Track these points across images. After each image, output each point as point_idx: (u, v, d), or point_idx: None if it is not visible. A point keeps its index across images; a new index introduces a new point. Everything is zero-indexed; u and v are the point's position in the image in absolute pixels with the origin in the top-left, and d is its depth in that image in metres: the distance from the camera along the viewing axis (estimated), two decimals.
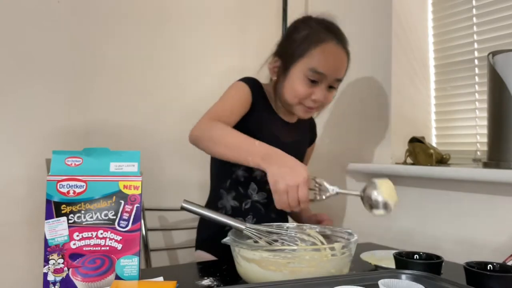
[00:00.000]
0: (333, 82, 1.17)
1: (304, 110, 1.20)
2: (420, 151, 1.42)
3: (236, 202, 1.22)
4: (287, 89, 1.18)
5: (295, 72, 1.16)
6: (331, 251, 0.88)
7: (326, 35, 1.15)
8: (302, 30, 1.18)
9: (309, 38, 1.15)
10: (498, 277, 0.79)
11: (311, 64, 1.13)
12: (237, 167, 1.21)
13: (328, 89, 1.18)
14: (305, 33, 1.16)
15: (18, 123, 1.37)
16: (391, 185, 0.97)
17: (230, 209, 1.23)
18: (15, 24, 1.37)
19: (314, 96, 1.16)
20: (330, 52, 1.14)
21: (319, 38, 1.14)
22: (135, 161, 0.86)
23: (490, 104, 1.27)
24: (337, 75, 1.17)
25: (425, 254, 0.92)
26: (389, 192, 0.96)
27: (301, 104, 1.18)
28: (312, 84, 1.15)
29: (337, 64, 1.16)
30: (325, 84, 1.16)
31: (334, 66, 1.15)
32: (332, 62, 1.15)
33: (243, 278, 0.90)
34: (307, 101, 1.17)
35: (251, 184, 1.22)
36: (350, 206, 1.64)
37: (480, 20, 1.44)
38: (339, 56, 1.16)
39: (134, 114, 1.58)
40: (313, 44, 1.14)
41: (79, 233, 0.81)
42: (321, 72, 1.13)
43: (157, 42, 1.63)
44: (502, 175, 1.15)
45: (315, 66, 1.13)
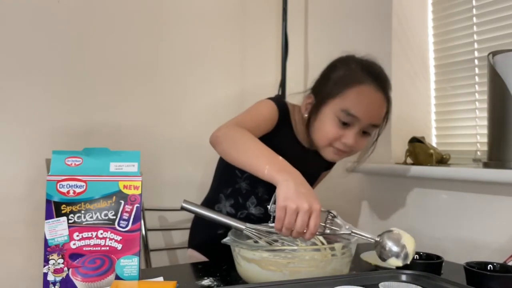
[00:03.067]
0: (367, 128, 1.10)
1: (334, 153, 1.13)
2: (420, 151, 1.42)
3: (232, 210, 1.21)
4: (317, 130, 1.12)
5: (327, 113, 1.10)
6: (331, 251, 0.88)
7: (365, 77, 1.08)
8: (339, 69, 1.12)
9: (346, 78, 1.09)
10: (498, 277, 0.79)
11: (344, 105, 1.07)
12: (242, 179, 1.20)
13: (361, 134, 1.11)
14: (342, 72, 1.10)
15: (18, 123, 1.37)
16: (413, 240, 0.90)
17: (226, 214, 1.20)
18: (15, 24, 1.37)
19: (344, 139, 1.09)
20: (366, 94, 1.07)
21: (356, 78, 1.07)
22: (135, 161, 0.86)
23: (490, 104, 1.27)
24: (371, 120, 1.09)
25: (425, 254, 0.93)
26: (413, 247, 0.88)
27: (331, 146, 1.12)
28: (344, 126, 1.08)
29: (372, 108, 1.08)
30: (358, 128, 1.09)
31: (368, 110, 1.08)
32: (366, 105, 1.07)
33: (243, 278, 0.90)
34: (337, 143, 1.11)
35: (251, 197, 1.20)
36: (350, 206, 1.64)
37: (480, 20, 1.44)
38: (376, 101, 1.09)
39: (134, 114, 1.58)
40: (348, 84, 1.07)
41: (79, 233, 0.81)
42: (353, 115, 1.06)
43: (157, 42, 1.63)
44: (502, 175, 1.15)
45: (348, 108, 1.06)
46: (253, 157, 0.96)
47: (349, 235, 0.94)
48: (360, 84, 1.07)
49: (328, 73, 1.14)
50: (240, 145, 1.00)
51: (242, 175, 1.20)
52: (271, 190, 1.14)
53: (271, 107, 1.15)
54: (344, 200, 1.65)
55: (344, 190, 1.63)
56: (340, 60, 1.14)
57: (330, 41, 1.84)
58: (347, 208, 1.63)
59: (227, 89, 1.74)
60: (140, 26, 1.59)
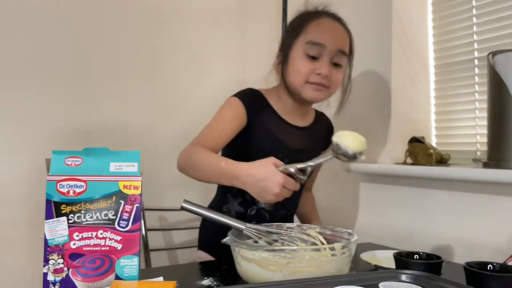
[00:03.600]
0: (336, 56, 1.13)
1: (312, 89, 1.13)
2: (420, 151, 1.42)
3: (241, 208, 1.21)
4: (290, 73, 1.15)
5: (295, 54, 1.14)
6: (331, 251, 0.88)
7: (321, 13, 1.15)
8: (296, 18, 1.19)
9: (303, 18, 1.16)
10: (498, 277, 0.79)
11: (307, 38, 1.12)
12: None
13: (331, 65, 1.13)
14: (300, 18, 1.17)
15: (18, 123, 1.37)
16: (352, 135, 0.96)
17: (235, 214, 1.21)
18: (16, 24, 1.37)
19: (317, 71, 1.11)
20: (325, 23, 1.14)
21: (313, 15, 1.15)
22: (135, 161, 0.86)
23: (490, 104, 1.27)
24: (337, 45, 1.12)
25: (425, 254, 0.92)
26: (355, 143, 0.95)
27: (307, 83, 1.13)
28: (314, 60, 1.12)
29: (334, 34, 1.14)
30: (327, 57, 1.12)
31: (332, 35, 1.12)
32: (328, 32, 1.13)
33: (243, 278, 0.90)
34: (312, 77, 1.12)
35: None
36: (350, 206, 1.64)
37: (480, 20, 1.44)
38: (336, 27, 1.15)
39: (134, 114, 1.58)
40: (306, 20, 1.14)
41: (79, 233, 0.81)
42: (319, 42, 1.11)
43: (157, 42, 1.63)
44: (502, 175, 1.15)
45: (312, 38, 1.11)
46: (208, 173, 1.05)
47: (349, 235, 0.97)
48: (317, 18, 1.15)
49: (287, 28, 1.22)
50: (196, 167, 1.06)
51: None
52: None
53: (234, 105, 1.17)
54: (344, 200, 1.65)
55: (344, 190, 1.63)
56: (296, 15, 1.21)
57: None
58: (347, 208, 1.63)
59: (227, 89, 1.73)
60: (140, 25, 1.59)
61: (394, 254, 0.92)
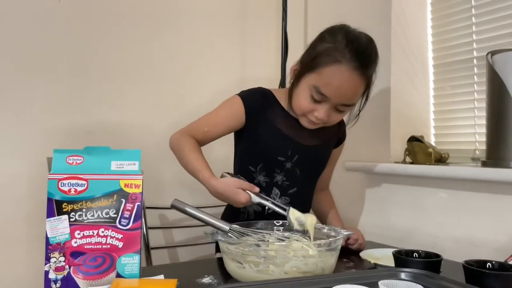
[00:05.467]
0: (339, 106, 1.12)
1: (308, 122, 1.16)
2: (419, 150, 1.42)
3: (258, 207, 1.20)
4: (294, 98, 1.16)
5: (303, 85, 1.12)
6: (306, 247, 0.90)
7: (345, 54, 1.05)
8: (326, 41, 1.10)
9: (326, 53, 1.07)
10: (497, 275, 0.80)
11: (316, 82, 1.08)
12: (257, 173, 1.20)
13: (333, 110, 1.12)
14: (327, 46, 1.09)
15: (20, 122, 1.38)
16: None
17: (253, 214, 1.21)
18: (16, 24, 1.38)
19: (316, 113, 1.12)
20: (340, 75, 1.06)
21: (335, 57, 1.06)
22: (136, 160, 0.87)
23: (489, 103, 1.27)
24: (342, 101, 1.10)
25: (424, 253, 0.93)
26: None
27: (305, 116, 1.15)
28: (316, 101, 1.11)
29: (343, 89, 1.08)
30: (329, 105, 1.10)
31: (340, 91, 1.08)
32: (337, 86, 1.07)
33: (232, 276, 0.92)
34: (309, 115, 1.14)
35: (273, 189, 1.20)
36: (349, 204, 1.65)
37: (479, 19, 1.44)
38: (350, 82, 1.07)
39: (135, 113, 1.58)
40: (326, 62, 1.07)
41: (80, 231, 0.82)
42: (323, 94, 1.08)
43: (158, 41, 1.63)
44: (501, 174, 1.16)
45: (319, 86, 1.08)
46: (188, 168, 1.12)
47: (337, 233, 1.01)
48: (336, 63, 1.06)
49: (315, 44, 1.14)
50: (181, 155, 1.14)
51: (256, 168, 1.20)
52: (289, 176, 1.20)
53: (233, 103, 1.19)
54: (343, 199, 1.65)
55: (343, 189, 1.64)
56: (329, 31, 1.13)
57: None
58: (346, 207, 1.63)
59: (227, 88, 1.74)
60: (140, 25, 1.59)
61: (394, 252, 0.93)
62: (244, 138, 1.23)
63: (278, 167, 1.20)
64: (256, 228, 1.06)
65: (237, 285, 0.84)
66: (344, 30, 1.11)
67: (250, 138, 1.21)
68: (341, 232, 0.99)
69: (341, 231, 1.00)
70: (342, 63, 1.06)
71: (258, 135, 1.20)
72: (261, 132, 1.19)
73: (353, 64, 1.06)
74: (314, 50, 1.12)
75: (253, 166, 1.21)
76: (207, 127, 1.19)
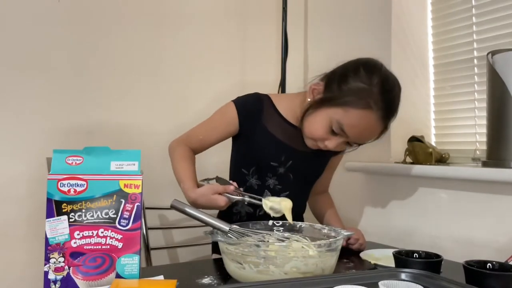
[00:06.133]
0: (352, 142, 1.13)
1: (313, 145, 1.16)
2: (419, 150, 1.42)
3: (250, 209, 1.22)
4: (309, 122, 1.13)
5: (324, 114, 1.10)
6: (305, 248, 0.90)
7: (377, 104, 1.05)
8: (360, 80, 1.07)
9: (360, 95, 1.05)
10: (497, 276, 0.80)
11: (341, 119, 1.07)
12: (250, 175, 1.22)
13: (344, 143, 1.13)
14: (361, 86, 1.06)
15: (19, 122, 1.38)
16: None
17: (245, 215, 1.23)
18: (16, 24, 1.37)
19: (327, 142, 1.11)
20: (366, 121, 1.07)
21: (368, 103, 1.05)
22: (136, 160, 0.87)
23: (489, 103, 1.27)
24: (359, 141, 1.13)
25: (424, 253, 0.93)
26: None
27: (313, 140, 1.14)
28: (332, 133, 1.10)
29: (365, 134, 1.10)
30: (344, 139, 1.11)
31: (361, 134, 1.10)
32: (361, 130, 1.08)
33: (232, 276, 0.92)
34: (319, 142, 1.13)
35: (265, 191, 1.21)
36: (350, 205, 1.64)
37: (479, 19, 1.44)
38: (373, 129, 1.10)
39: (135, 113, 1.58)
40: (357, 103, 1.05)
41: (80, 232, 0.82)
42: (344, 131, 1.08)
43: (158, 42, 1.63)
44: (501, 174, 1.16)
45: (343, 124, 1.07)
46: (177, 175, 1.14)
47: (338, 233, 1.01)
48: (366, 109, 1.05)
49: (347, 74, 1.10)
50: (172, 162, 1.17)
51: (249, 171, 1.22)
52: (281, 180, 1.21)
53: (225, 111, 1.21)
54: (343, 199, 1.65)
55: (343, 189, 1.63)
56: (366, 66, 1.10)
57: (330, 41, 1.84)
58: (346, 207, 1.63)
59: (227, 88, 1.74)
60: (141, 26, 1.59)
61: (394, 252, 0.92)
62: (239, 143, 1.25)
63: (271, 171, 1.21)
64: (256, 228, 1.06)
65: (237, 285, 0.84)
66: (381, 72, 1.09)
67: (244, 143, 1.23)
68: (341, 232, 0.99)
69: (341, 231, 1.00)
70: (373, 110, 1.06)
71: (252, 141, 1.20)
72: (255, 137, 1.20)
73: (383, 113, 1.07)
74: (346, 85, 1.08)
75: (246, 169, 1.22)
76: (202, 135, 1.21)
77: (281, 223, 1.09)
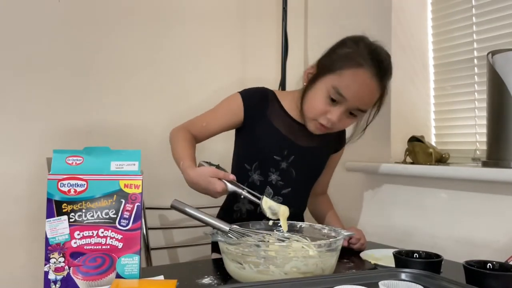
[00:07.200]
0: (354, 110, 1.13)
1: (316, 127, 1.16)
2: (419, 150, 1.42)
3: (251, 206, 1.22)
4: (308, 99, 1.16)
5: (321, 85, 1.13)
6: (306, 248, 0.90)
7: (367, 60, 1.09)
8: (347, 46, 1.13)
9: (349, 56, 1.10)
10: (497, 276, 0.80)
11: (337, 83, 1.09)
12: (252, 171, 1.22)
13: (346, 114, 1.13)
14: (349, 51, 1.12)
15: (19, 122, 1.38)
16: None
17: (245, 212, 1.23)
18: (16, 24, 1.37)
19: (329, 115, 1.12)
20: (361, 79, 1.09)
21: (358, 60, 1.09)
22: (136, 160, 0.87)
23: (489, 103, 1.27)
24: (358, 104, 1.11)
25: (424, 253, 0.93)
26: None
27: (315, 120, 1.15)
28: (332, 103, 1.11)
29: (362, 93, 1.10)
30: (344, 107, 1.11)
31: (358, 94, 1.10)
32: (357, 89, 1.09)
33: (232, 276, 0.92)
34: (321, 118, 1.14)
35: (267, 188, 1.21)
36: (350, 204, 1.64)
37: (479, 19, 1.44)
38: (369, 87, 1.10)
39: (135, 113, 1.58)
40: (348, 64, 1.09)
41: (80, 232, 0.82)
42: (342, 95, 1.09)
43: (158, 42, 1.63)
44: (501, 174, 1.16)
45: (339, 87, 1.09)
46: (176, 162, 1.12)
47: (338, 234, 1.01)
48: (358, 67, 1.09)
49: (335, 48, 1.16)
50: (174, 146, 1.15)
51: (251, 166, 1.22)
52: (284, 176, 1.22)
53: (233, 101, 1.22)
54: (343, 199, 1.65)
55: (343, 189, 1.64)
56: (351, 38, 1.16)
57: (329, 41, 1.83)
58: (346, 207, 1.63)
59: (227, 88, 1.73)
60: (140, 25, 1.59)
61: (394, 252, 0.92)
62: (242, 136, 1.26)
63: (273, 166, 1.21)
64: (256, 228, 1.06)
65: (237, 285, 0.84)
66: (366, 39, 1.14)
67: (247, 136, 1.23)
68: (341, 232, 0.99)
69: (342, 231, 1.00)
70: (364, 67, 1.08)
71: (256, 134, 1.21)
72: (258, 130, 1.21)
73: (374, 70, 1.09)
74: (335, 53, 1.14)
75: (248, 164, 1.22)
76: (205, 122, 1.21)
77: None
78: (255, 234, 1.01)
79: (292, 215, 1.12)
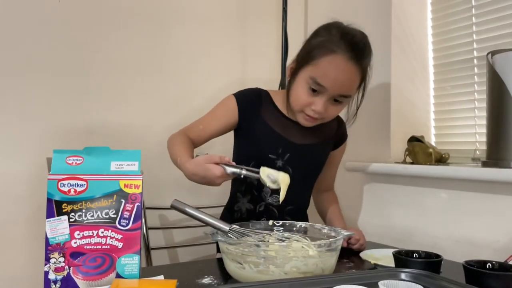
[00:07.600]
0: (337, 97, 1.13)
1: (304, 119, 1.17)
2: (419, 150, 1.42)
3: (251, 205, 1.24)
4: (292, 94, 1.17)
5: (300, 78, 1.14)
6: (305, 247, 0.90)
7: (340, 45, 1.08)
8: (320, 35, 1.14)
9: (321, 45, 1.10)
10: (497, 276, 0.80)
11: (313, 73, 1.10)
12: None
13: (331, 101, 1.13)
14: (321, 39, 1.12)
15: (19, 122, 1.38)
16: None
17: (245, 212, 1.25)
18: (16, 24, 1.37)
19: (313, 106, 1.13)
20: (336, 65, 1.09)
21: (330, 47, 1.09)
22: (136, 160, 0.87)
23: (489, 103, 1.27)
24: (339, 91, 1.11)
25: (424, 253, 0.93)
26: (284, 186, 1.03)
27: (302, 112, 1.16)
28: (314, 93, 1.12)
29: (340, 79, 1.10)
30: (327, 96, 1.12)
31: (336, 81, 1.10)
32: (334, 76, 1.09)
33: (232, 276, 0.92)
34: (307, 110, 1.14)
35: (264, 187, 1.21)
36: (350, 204, 1.64)
37: (479, 19, 1.44)
38: (346, 72, 1.10)
39: (135, 113, 1.58)
40: (321, 53, 1.09)
41: (80, 232, 0.82)
42: (320, 84, 1.09)
43: (158, 42, 1.63)
44: (501, 174, 1.16)
45: (316, 77, 1.09)
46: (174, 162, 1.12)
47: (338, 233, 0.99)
48: (332, 53, 1.08)
49: (310, 39, 1.17)
50: (171, 149, 1.15)
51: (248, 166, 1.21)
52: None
53: (225, 103, 1.24)
54: (343, 199, 1.65)
55: (343, 189, 1.64)
56: (324, 26, 1.16)
57: None
58: (346, 207, 1.63)
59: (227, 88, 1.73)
60: (140, 25, 1.59)
61: (394, 252, 0.93)
62: (239, 137, 1.28)
63: (269, 165, 1.19)
64: (256, 228, 1.06)
65: (237, 285, 0.84)
66: (338, 24, 1.15)
67: (243, 137, 1.25)
68: (341, 232, 0.99)
69: (341, 231, 1.00)
70: (337, 53, 1.08)
71: (251, 134, 1.23)
72: (253, 130, 1.22)
73: (348, 54, 1.08)
74: (309, 45, 1.15)
75: (245, 164, 1.21)
76: (202, 125, 1.22)
77: (281, 223, 1.09)
78: (255, 234, 1.01)
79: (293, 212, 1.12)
